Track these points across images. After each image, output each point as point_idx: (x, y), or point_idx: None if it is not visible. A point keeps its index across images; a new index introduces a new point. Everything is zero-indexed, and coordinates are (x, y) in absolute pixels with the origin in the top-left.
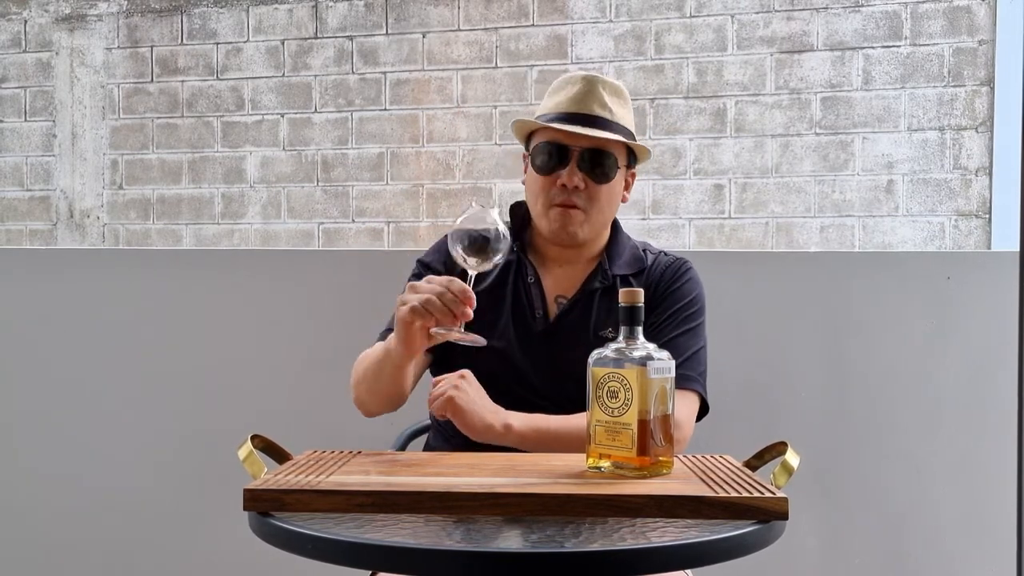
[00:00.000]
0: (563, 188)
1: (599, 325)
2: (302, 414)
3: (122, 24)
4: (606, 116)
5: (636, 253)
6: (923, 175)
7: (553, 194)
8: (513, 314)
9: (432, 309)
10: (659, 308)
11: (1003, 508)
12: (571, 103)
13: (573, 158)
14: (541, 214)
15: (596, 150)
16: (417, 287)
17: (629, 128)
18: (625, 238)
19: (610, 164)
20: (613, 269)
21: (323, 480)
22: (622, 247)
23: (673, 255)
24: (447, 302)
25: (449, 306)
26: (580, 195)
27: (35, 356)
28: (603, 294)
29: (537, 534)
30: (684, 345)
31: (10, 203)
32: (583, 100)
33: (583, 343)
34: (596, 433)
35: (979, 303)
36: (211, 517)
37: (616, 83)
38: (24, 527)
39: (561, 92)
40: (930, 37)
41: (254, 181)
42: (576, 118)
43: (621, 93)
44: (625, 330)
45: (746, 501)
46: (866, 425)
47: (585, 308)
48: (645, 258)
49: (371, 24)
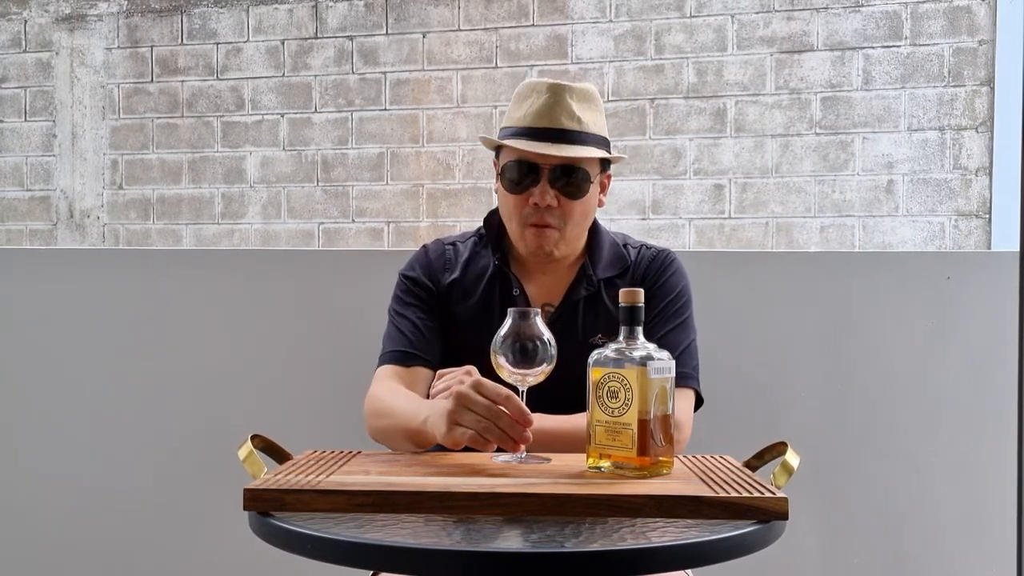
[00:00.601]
0: (536, 207)
1: (588, 331)
2: (302, 414)
3: (122, 24)
4: (575, 128)
5: (617, 251)
6: (923, 175)
7: (526, 213)
8: None
9: (492, 438)
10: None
11: (1003, 508)
12: (538, 117)
13: (544, 176)
14: (516, 233)
15: (568, 166)
16: (468, 402)
17: (602, 133)
18: (604, 237)
19: (582, 179)
20: (597, 273)
21: (323, 480)
22: (603, 247)
23: (655, 247)
24: (506, 428)
25: (508, 432)
26: (553, 213)
27: (35, 356)
28: (589, 300)
29: (537, 534)
30: (675, 340)
31: (10, 203)
32: (550, 113)
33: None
34: (596, 433)
35: (979, 303)
36: (211, 517)
37: (584, 87)
38: (24, 527)
39: (527, 102)
40: (930, 37)
41: (254, 181)
42: (544, 133)
43: (590, 97)
44: (625, 330)
45: (746, 501)
46: (866, 425)
47: (572, 316)
48: (627, 255)
49: (371, 24)
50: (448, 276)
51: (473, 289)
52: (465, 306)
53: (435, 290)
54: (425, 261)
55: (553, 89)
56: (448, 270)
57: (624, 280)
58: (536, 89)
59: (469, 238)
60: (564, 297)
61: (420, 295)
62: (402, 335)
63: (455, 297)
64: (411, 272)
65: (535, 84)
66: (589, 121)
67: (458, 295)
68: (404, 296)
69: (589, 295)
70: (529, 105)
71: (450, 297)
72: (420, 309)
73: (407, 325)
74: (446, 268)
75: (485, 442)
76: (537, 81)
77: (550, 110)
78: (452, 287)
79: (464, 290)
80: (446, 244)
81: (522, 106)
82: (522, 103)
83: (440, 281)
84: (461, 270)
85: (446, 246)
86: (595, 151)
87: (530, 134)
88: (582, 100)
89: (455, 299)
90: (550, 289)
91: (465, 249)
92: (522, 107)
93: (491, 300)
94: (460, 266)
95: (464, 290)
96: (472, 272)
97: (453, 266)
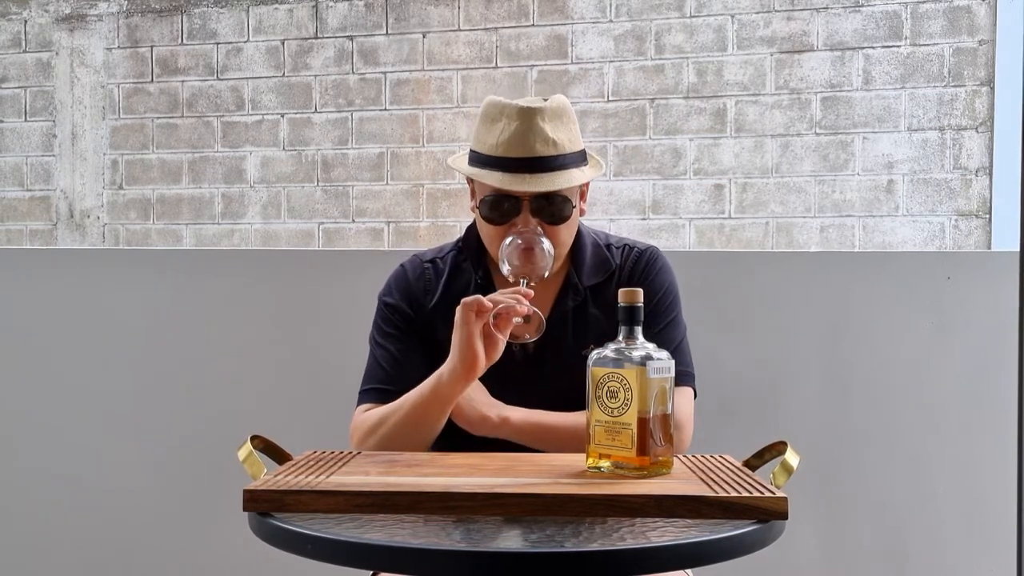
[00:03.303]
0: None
1: (578, 343)
2: (302, 414)
3: (122, 24)
4: (551, 152)
5: (601, 254)
6: (923, 175)
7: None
8: None
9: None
10: None
11: (1003, 508)
12: (510, 146)
13: (525, 207)
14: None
15: (547, 195)
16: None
17: (577, 148)
18: (586, 239)
19: (563, 204)
20: (583, 281)
21: (323, 481)
22: (586, 251)
23: (639, 246)
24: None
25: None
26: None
27: (35, 356)
28: (577, 311)
29: (537, 534)
30: (668, 338)
31: (10, 203)
32: (523, 141)
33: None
34: (596, 433)
35: (979, 303)
36: (211, 517)
37: (554, 104)
38: (23, 527)
39: (497, 127)
40: (930, 37)
41: (254, 181)
42: (519, 164)
43: (561, 113)
44: (624, 330)
45: (745, 501)
46: (866, 425)
47: (561, 328)
48: (612, 257)
49: (371, 24)
50: (430, 299)
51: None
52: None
53: (416, 317)
54: (404, 284)
55: (523, 115)
56: (429, 292)
57: (611, 284)
58: (505, 113)
59: (449, 251)
60: (552, 310)
61: (399, 324)
62: (382, 369)
63: (438, 319)
64: (390, 299)
65: (503, 107)
66: (564, 140)
67: (441, 317)
68: (384, 325)
69: (577, 305)
70: (500, 132)
71: (434, 322)
72: (399, 339)
73: (386, 357)
74: (427, 290)
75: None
76: (505, 104)
77: (523, 138)
78: (435, 312)
79: (448, 309)
80: (425, 262)
81: (492, 131)
82: (491, 127)
83: (423, 305)
84: (443, 291)
85: (425, 264)
86: (575, 174)
87: (505, 165)
88: (554, 119)
89: (438, 321)
90: (537, 301)
91: (445, 265)
92: (492, 132)
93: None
94: (442, 287)
95: (448, 309)
96: (454, 292)
97: (434, 287)
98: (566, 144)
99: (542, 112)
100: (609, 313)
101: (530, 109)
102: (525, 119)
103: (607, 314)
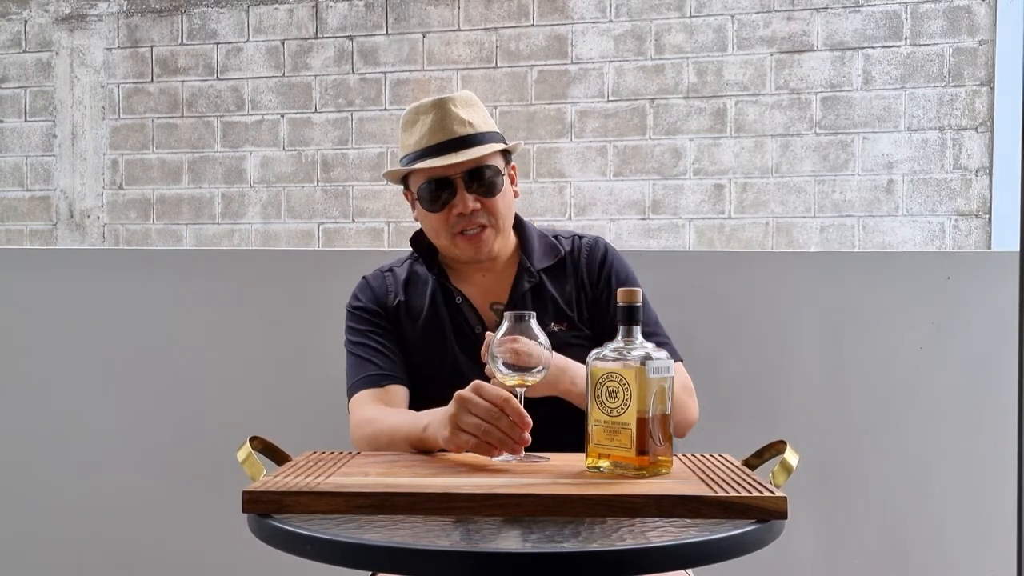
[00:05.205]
0: (460, 216)
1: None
2: (302, 415)
3: (122, 24)
4: (470, 131)
5: (547, 241)
6: (923, 175)
7: (452, 225)
8: (456, 340)
9: (492, 441)
10: (605, 290)
11: (1003, 508)
12: (431, 134)
13: (459, 186)
14: (448, 247)
15: (476, 168)
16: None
17: (493, 129)
18: (531, 230)
19: (494, 175)
20: (535, 264)
21: (322, 482)
22: (532, 240)
23: (588, 236)
24: (505, 429)
25: (508, 433)
26: (481, 215)
27: (35, 356)
28: (534, 291)
29: (537, 534)
30: (647, 319)
31: (10, 203)
32: (442, 127)
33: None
34: (595, 433)
35: (979, 303)
36: (211, 517)
37: (463, 94)
38: (24, 527)
39: (417, 126)
40: (930, 37)
41: (254, 181)
42: (444, 146)
43: (472, 101)
44: (623, 329)
45: (745, 500)
46: (866, 425)
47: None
48: (560, 244)
49: (371, 24)
50: (393, 299)
51: (419, 307)
52: (415, 326)
53: (385, 313)
54: (368, 290)
55: (437, 105)
56: (391, 293)
57: (565, 268)
58: (420, 111)
59: (404, 261)
60: (511, 293)
61: (372, 321)
62: (367, 361)
63: (403, 318)
64: (358, 302)
65: (418, 107)
66: (479, 121)
67: (406, 316)
68: (357, 325)
69: (533, 286)
70: (420, 127)
71: (399, 319)
72: (376, 334)
73: (368, 351)
74: (389, 291)
75: (488, 447)
76: (418, 104)
77: (441, 124)
78: (399, 309)
79: (410, 309)
80: (384, 271)
81: (413, 131)
82: (412, 128)
83: (388, 304)
84: (404, 291)
85: (384, 273)
86: (496, 146)
87: (431, 152)
88: (466, 106)
89: (403, 320)
90: (492, 290)
91: (403, 271)
92: (414, 132)
93: (438, 315)
94: (402, 288)
95: (410, 309)
96: (415, 291)
97: (396, 289)
98: (481, 125)
99: (453, 100)
100: (562, 293)
101: (441, 99)
102: (439, 109)
103: (561, 294)
